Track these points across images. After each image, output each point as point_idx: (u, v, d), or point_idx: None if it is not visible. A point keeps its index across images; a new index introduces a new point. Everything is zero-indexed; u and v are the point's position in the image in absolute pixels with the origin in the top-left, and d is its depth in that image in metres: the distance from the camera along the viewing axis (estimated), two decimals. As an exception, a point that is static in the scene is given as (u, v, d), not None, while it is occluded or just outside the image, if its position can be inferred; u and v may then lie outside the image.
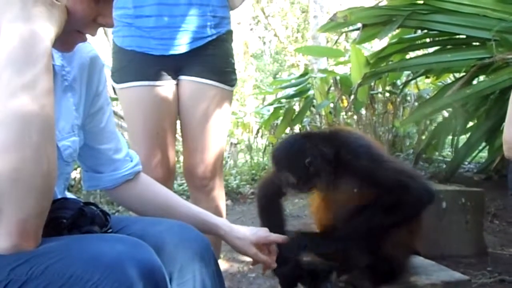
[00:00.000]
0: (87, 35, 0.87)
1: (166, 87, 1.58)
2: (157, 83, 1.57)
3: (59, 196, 0.94)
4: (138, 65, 1.56)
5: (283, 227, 1.29)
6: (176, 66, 1.57)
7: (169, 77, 1.58)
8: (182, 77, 1.59)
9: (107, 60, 1.76)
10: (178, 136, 1.79)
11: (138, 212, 1.15)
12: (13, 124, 0.67)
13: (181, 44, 1.54)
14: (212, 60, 1.58)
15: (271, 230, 1.16)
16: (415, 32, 3.02)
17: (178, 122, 1.68)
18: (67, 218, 0.83)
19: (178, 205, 1.12)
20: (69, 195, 0.99)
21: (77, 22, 0.81)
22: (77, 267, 0.67)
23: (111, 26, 0.86)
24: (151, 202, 1.11)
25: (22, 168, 0.67)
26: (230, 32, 1.65)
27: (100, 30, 1.00)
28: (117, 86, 1.61)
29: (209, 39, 1.57)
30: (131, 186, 1.11)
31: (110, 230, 0.89)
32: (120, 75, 1.59)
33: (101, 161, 1.07)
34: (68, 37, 0.83)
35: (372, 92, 3.77)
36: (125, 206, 1.18)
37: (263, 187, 1.34)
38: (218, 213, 1.69)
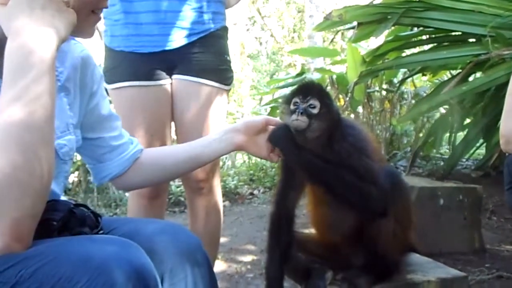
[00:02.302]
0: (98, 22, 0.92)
1: (158, 87, 1.55)
2: (149, 83, 1.53)
3: (60, 194, 0.96)
4: (129, 65, 1.53)
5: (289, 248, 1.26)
6: (169, 64, 1.54)
7: (162, 75, 1.55)
8: (175, 76, 1.56)
9: (101, 61, 1.75)
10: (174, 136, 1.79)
11: (156, 181, 1.26)
12: (3, 132, 0.69)
13: (173, 40, 1.51)
14: (206, 57, 1.54)
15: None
16: (410, 30, 3.02)
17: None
18: (57, 220, 0.82)
19: (183, 149, 1.19)
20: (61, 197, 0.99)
21: (89, 2, 0.85)
22: (66, 269, 0.67)
23: None
24: (165, 162, 1.16)
25: (13, 172, 0.67)
26: (225, 29, 1.61)
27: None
28: (108, 86, 1.58)
29: (202, 35, 1.53)
30: (140, 163, 1.13)
31: (101, 232, 0.88)
32: (110, 76, 1.56)
33: (106, 150, 1.10)
34: (86, 22, 0.87)
35: (368, 90, 3.77)
36: (140, 186, 1.26)
37: (277, 204, 1.29)
38: (215, 214, 1.68)
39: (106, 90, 1.63)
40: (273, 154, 1.16)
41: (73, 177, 3.67)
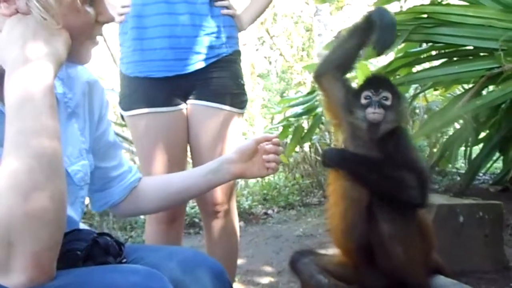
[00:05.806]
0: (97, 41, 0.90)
1: (175, 112, 1.56)
2: (166, 109, 1.54)
3: (78, 220, 0.96)
4: (144, 91, 1.54)
5: None
6: (184, 89, 1.55)
7: (177, 101, 1.56)
8: (191, 101, 1.57)
9: (116, 87, 1.77)
10: (189, 159, 1.80)
11: (149, 211, 1.29)
12: (23, 168, 0.69)
13: (187, 65, 1.52)
14: (220, 82, 1.56)
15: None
16: (420, 46, 3.02)
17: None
18: (81, 250, 0.82)
19: (178, 179, 1.19)
20: (82, 226, 0.99)
21: (83, 32, 0.83)
22: (92, 301, 0.67)
23: (112, 20, 0.89)
24: (159, 192, 1.16)
25: (27, 208, 0.67)
26: (238, 53, 1.63)
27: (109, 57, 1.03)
28: (124, 113, 1.60)
29: (216, 59, 1.55)
30: (138, 192, 1.14)
31: (124, 260, 0.88)
32: (126, 102, 1.58)
33: (108, 179, 1.11)
34: (82, 48, 0.85)
35: (380, 107, 3.75)
36: (137, 214, 1.34)
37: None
38: (232, 236, 1.67)
39: (122, 116, 1.65)
40: (271, 166, 1.17)
41: (87, 201, 3.69)
